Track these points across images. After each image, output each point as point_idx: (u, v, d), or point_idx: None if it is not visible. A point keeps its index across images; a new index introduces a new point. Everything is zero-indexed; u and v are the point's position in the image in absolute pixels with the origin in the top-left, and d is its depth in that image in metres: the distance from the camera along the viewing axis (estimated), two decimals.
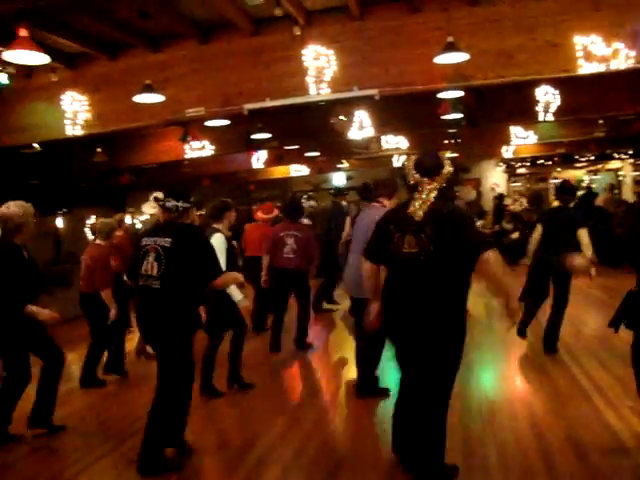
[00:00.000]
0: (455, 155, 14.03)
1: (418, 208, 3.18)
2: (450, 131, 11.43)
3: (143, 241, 3.87)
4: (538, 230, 6.01)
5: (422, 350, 3.21)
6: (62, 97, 7.21)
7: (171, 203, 3.86)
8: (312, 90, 6.37)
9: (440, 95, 7.80)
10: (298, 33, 6.34)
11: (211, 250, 3.84)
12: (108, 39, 6.87)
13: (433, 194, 3.20)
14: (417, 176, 3.27)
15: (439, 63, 5.80)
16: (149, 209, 6.59)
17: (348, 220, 8.34)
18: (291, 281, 6.57)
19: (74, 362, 6.23)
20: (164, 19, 6.33)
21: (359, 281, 3.97)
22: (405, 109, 9.38)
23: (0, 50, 6.26)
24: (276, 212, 7.82)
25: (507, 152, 14.88)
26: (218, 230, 4.91)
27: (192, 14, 6.41)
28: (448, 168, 3.26)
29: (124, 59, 7.16)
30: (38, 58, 4.91)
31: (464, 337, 3.25)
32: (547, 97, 8.80)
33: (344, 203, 10.50)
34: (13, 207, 4.21)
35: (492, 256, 3.04)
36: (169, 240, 3.73)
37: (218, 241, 4.70)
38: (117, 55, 7.17)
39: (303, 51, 6.33)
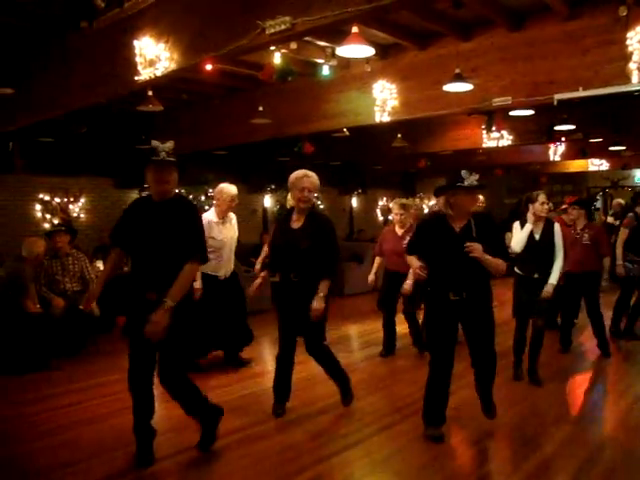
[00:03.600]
0: None
1: None
2: None
3: None
4: None
5: None
6: (373, 86, 7.69)
7: None
8: (634, 78, 5.77)
9: None
10: (624, 14, 5.79)
11: None
12: (420, 30, 7.11)
13: None
14: None
15: None
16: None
17: None
18: None
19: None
20: (476, 7, 6.31)
21: None
22: None
23: (328, 46, 7.03)
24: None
25: None
26: None
27: (505, 0, 6.30)
28: None
29: (433, 48, 7.33)
30: (365, 51, 5.35)
31: None
32: None
33: None
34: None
35: None
36: None
37: None
38: (427, 45, 7.37)
39: (628, 34, 5.71)
